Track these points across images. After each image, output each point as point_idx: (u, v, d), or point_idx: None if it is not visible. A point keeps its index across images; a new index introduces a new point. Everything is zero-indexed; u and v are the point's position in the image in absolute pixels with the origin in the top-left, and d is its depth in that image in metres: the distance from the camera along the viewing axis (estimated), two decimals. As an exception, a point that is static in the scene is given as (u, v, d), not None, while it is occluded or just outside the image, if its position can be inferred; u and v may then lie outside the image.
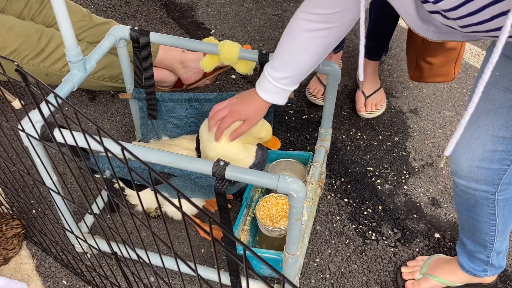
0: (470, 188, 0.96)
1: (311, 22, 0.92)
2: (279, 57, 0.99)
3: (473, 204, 1.00)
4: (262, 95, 1.03)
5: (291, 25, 0.96)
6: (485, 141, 0.89)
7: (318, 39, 0.94)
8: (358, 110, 1.66)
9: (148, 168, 0.49)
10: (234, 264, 1.09)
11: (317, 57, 0.99)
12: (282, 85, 1.01)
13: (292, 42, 0.96)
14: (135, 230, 1.35)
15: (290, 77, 1.00)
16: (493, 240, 1.05)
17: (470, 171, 0.93)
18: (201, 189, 1.13)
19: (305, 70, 1.01)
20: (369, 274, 1.26)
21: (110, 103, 1.73)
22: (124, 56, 1.27)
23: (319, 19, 0.91)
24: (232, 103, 1.06)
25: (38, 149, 0.95)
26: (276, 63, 1.00)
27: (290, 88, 1.03)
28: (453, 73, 1.44)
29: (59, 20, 0.99)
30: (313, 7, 0.91)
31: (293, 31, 0.96)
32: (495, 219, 1.00)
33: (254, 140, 1.15)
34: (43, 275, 1.25)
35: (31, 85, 0.62)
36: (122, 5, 2.19)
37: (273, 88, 1.02)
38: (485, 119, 0.88)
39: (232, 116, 1.05)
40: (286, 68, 0.99)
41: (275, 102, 1.04)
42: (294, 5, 2.17)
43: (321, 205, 1.41)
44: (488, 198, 0.97)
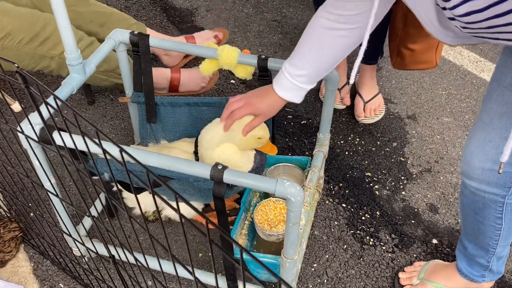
0: (480, 190, 0.96)
1: (332, 21, 0.92)
2: (298, 53, 0.99)
3: (481, 207, 0.99)
4: (278, 91, 1.03)
5: (312, 23, 0.96)
6: (499, 143, 0.89)
7: (338, 38, 0.94)
8: (357, 116, 1.67)
9: (147, 170, 0.49)
10: (231, 268, 1.09)
11: (337, 56, 0.98)
12: (299, 83, 1.00)
13: (312, 39, 0.96)
14: (133, 233, 1.35)
15: (308, 75, 0.99)
16: (496, 244, 1.04)
17: (482, 173, 0.93)
18: (199, 193, 1.13)
19: (324, 69, 1.00)
20: (367, 280, 1.26)
21: (109, 106, 1.73)
22: (123, 60, 1.27)
23: (341, 19, 0.91)
24: (248, 96, 1.07)
25: (37, 152, 0.95)
26: (294, 59, 0.99)
27: (306, 87, 1.02)
28: (434, 59, 1.45)
29: (59, 23, 1.00)
30: (334, 8, 0.91)
31: (314, 29, 0.95)
32: (501, 223, 1.00)
33: (253, 141, 1.14)
34: (40, 278, 1.25)
35: (31, 88, 0.63)
36: (122, 9, 2.20)
37: (289, 85, 1.01)
38: (499, 122, 0.88)
39: (247, 108, 1.05)
40: (304, 66, 0.98)
41: (291, 100, 1.04)
42: (294, 11, 2.18)
43: (319, 210, 1.41)
44: (498, 201, 0.96)
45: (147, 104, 1.31)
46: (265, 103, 1.05)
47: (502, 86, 0.86)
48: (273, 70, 1.17)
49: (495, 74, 0.89)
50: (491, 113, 0.89)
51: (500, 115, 0.88)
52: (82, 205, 1.40)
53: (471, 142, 0.94)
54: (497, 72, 0.88)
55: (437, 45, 1.41)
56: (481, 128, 0.91)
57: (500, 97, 0.87)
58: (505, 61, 0.85)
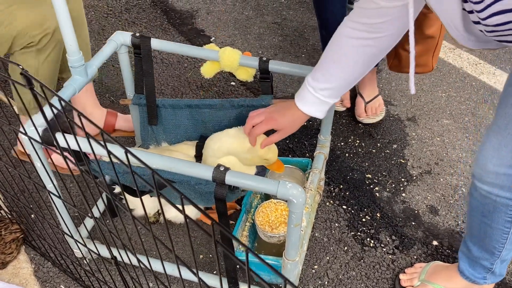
0: (492, 194, 0.96)
1: (357, 31, 0.91)
2: (321, 67, 0.97)
3: (491, 210, 0.99)
4: (301, 106, 1.01)
5: (337, 34, 0.95)
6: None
7: (363, 49, 0.93)
8: (358, 116, 1.67)
9: (152, 171, 0.49)
10: (233, 271, 1.09)
11: (362, 68, 0.97)
12: (322, 97, 0.98)
13: (337, 51, 0.94)
14: (134, 235, 1.35)
15: (332, 89, 0.98)
16: (503, 248, 1.04)
17: (496, 177, 0.93)
18: (201, 196, 1.14)
19: (348, 82, 0.98)
20: (367, 281, 1.26)
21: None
22: (125, 62, 1.28)
23: (366, 28, 0.90)
24: (270, 110, 1.04)
25: (40, 153, 0.96)
26: (318, 73, 0.98)
27: (330, 101, 1.00)
28: (431, 64, 1.45)
29: (61, 26, 1.00)
30: (359, 17, 0.90)
31: (338, 40, 0.94)
32: (510, 226, 1.00)
33: (259, 161, 1.12)
34: (41, 280, 1.25)
35: (35, 89, 0.63)
36: (122, 11, 2.21)
37: (312, 99, 0.99)
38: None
39: (268, 123, 1.03)
40: (328, 79, 0.97)
41: (313, 115, 1.02)
42: (294, 13, 2.19)
43: (319, 212, 1.41)
44: (509, 205, 0.96)
45: (149, 106, 1.31)
46: (287, 119, 1.02)
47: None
48: (274, 72, 1.18)
49: (511, 79, 0.88)
50: (507, 117, 0.88)
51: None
52: (83, 206, 1.40)
53: (486, 146, 0.93)
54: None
55: (434, 49, 1.41)
56: (497, 133, 0.91)
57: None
58: None
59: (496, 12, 0.67)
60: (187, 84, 1.84)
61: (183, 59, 1.94)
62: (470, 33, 0.81)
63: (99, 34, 2.08)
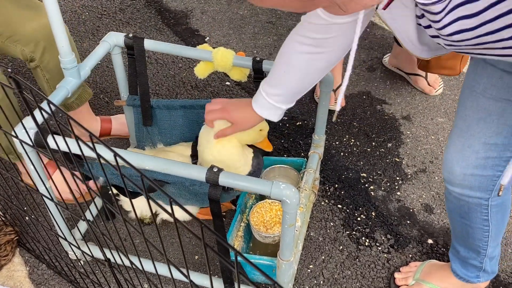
0: (464, 195, 0.97)
1: (305, 45, 0.92)
2: (273, 74, 0.99)
3: (467, 211, 1.00)
4: (255, 108, 1.03)
5: (286, 46, 0.96)
6: (478, 149, 0.90)
7: (310, 62, 0.95)
8: (429, 92, 1.76)
9: (141, 174, 0.49)
10: (228, 271, 1.09)
11: (310, 79, 0.99)
12: (275, 102, 1.01)
13: (286, 62, 0.96)
14: (129, 237, 1.35)
15: (283, 95, 1.00)
16: (486, 246, 1.06)
17: (464, 179, 0.94)
18: (195, 197, 1.14)
19: (298, 91, 1.01)
20: (363, 280, 1.26)
21: (104, 109, 1.73)
22: (118, 63, 1.27)
23: (312, 42, 0.91)
24: (228, 101, 1.08)
25: (32, 156, 0.95)
26: (270, 79, 1.00)
27: (282, 106, 1.02)
28: (458, 67, 1.47)
29: (53, 27, 1.00)
30: (306, 31, 0.91)
31: (287, 52, 0.96)
32: (488, 224, 1.01)
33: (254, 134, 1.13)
34: (36, 282, 1.24)
35: (25, 92, 0.62)
36: (116, 12, 2.20)
37: (265, 104, 1.02)
38: (476, 127, 0.89)
39: (222, 112, 1.06)
40: (279, 86, 0.99)
41: (267, 117, 1.04)
42: (288, 13, 2.19)
43: (314, 211, 1.41)
44: (482, 205, 0.98)
45: (143, 107, 1.31)
46: (241, 114, 1.05)
47: (476, 92, 0.88)
48: (267, 72, 1.18)
49: (467, 81, 0.90)
50: (467, 119, 0.90)
51: (477, 121, 0.89)
52: (77, 209, 1.40)
53: (450, 149, 0.95)
54: (469, 79, 0.90)
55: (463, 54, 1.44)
56: (459, 135, 0.93)
57: (475, 104, 0.88)
58: (475, 68, 0.88)
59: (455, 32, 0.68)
60: (182, 85, 1.83)
61: (178, 59, 1.94)
62: (423, 44, 0.83)
63: (93, 34, 2.07)
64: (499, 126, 0.87)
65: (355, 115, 1.71)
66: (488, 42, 0.68)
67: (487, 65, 0.84)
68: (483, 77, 0.85)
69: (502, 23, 0.62)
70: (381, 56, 1.93)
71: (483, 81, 0.86)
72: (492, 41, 0.67)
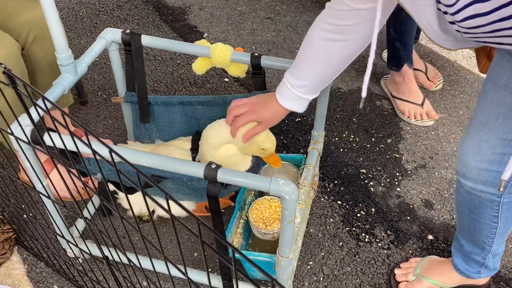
0: (477, 190, 0.96)
1: (328, 32, 0.91)
2: (297, 64, 0.98)
3: (477, 206, 0.99)
4: (280, 101, 1.02)
5: (310, 34, 0.95)
6: (495, 144, 0.89)
7: (334, 50, 0.93)
8: (428, 87, 1.76)
9: (137, 171, 0.48)
10: (227, 268, 1.08)
11: (335, 68, 0.97)
12: (300, 93, 0.99)
13: (310, 50, 0.95)
14: (127, 235, 1.34)
15: (308, 86, 0.98)
16: (492, 242, 1.04)
17: (478, 173, 0.93)
18: (194, 192, 1.13)
19: (323, 80, 0.99)
20: (363, 276, 1.25)
21: (102, 106, 1.72)
22: (115, 60, 1.26)
23: (336, 29, 0.90)
24: (252, 102, 1.05)
25: (28, 153, 0.94)
26: (294, 70, 0.98)
27: (308, 97, 1.01)
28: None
29: (49, 23, 0.99)
30: (330, 17, 0.90)
31: (311, 40, 0.95)
32: (497, 221, 1.00)
33: (257, 151, 1.11)
34: (34, 280, 1.24)
35: (19, 89, 0.62)
36: (114, 8, 2.19)
37: (290, 95, 1.00)
38: (495, 122, 0.88)
39: (250, 115, 1.03)
40: (303, 76, 0.97)
41: (293, 109, 1.02)
42: (287, 8, 2.18)
43: (314, 208, 1.40)
44: (494, 201, 0.96)
45: (140, 104, 1.30)
46: (268, 111, 1.03)
47: (498, 86, 0.86)
48: (266, 68, 1.17)
49: (490, 73, 0.88)
50: (486, 113, 0.88)
51: (496, 115, 0.87)
52: (75, 207, 1.39)
53: (467, 142, 0.93)
54: (492, 72, 0.87)
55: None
56: (477, 129, 0.91)
57: (496, 97, 0.86)
58: (500, 61, 0.85)
59: (469, 16, 0.67)
60: (180, 81, 1.82)
61: (176, 56, 1.93)
62: (447, 33, 0.81)
63: (90, 31, 2.06)
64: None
65: (355, 111, 1.70)
66: (503, 28, 0.66)
67: (510, 59, 0.83)
68: (507, 71, 0.83)
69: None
70: (380, 52, 1.92)
71: (506, 75, 0.84)
72: (507, 28, 0.65)
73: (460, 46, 0.85)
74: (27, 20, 1.27)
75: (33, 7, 1.29)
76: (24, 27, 1.27)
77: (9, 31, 1.27)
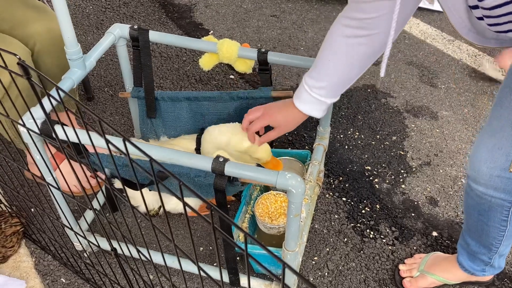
0: (487, 195, 0.95)
1: (350, 28, 0.88)
2: (317, 65, 0.95)
3: (487, 210, 0.98)
4: (297, 105, 0.99)
5: (331, 31, 0.92)
6: (509, 151, 0.88)
7: (357, 47, 0.90)
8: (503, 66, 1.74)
9: (150, 159, 0.49)
10: (233, 261, 1.09)
11: (358, 67, 0.94)
12: (319, 96, 0.96)
13: (330, 49, 0.92)
14: (134, 227, 1.35)
15: (327, 88, 0.95)
16: (500, 244, 1.04)
17: (490, 179, 0.92)
18: (200, 189, 1.14)
19: (344, 81, 0.96)
20: (367, 272, 1.26)
21: (108, 102, 1.74)
22: (123, 55, 1.27)
23: (359, 24, 0.87)
24: (267, 106, 1.03)
25: (39, 145, 0.95)
26: (313, 72, 0.95)
27: (327, 100, 0.97)
28: None
29: (59, 17, 1.00)
30: (353, 11, 0.87)
31: (332, 38, 0.92)
32: (506, 225, 1.00)
33: (251, 161, 1.11)
34: (42, 273, 1.25)
35: (33, 80, 0.63)
36: (120, 5, 2.20)
37: (308, 98, 0.97)
38: (510, 130, 0.86)
39: (265, 118, 1.01)
40: (323, 77, 0.94)
41: (311, 114, 0.99)
42: (292, 6, 2.18)
43: (319, 204, 1.41)
44: (504, 206, 0.96)
45: (147, 99, 1.31)
46: (284, 116, 1.00)
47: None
48: (273, 64, 1.18)
49: (508, 80, 0.87)
50: (502, 119, 0.87)
51: (511, 122, 0.86)
52: (83, 199, 1.41)
53: (480, 148, 0.92)
54: (509, 78, 0.86)
55: None
56: (491, 135, 0.90)
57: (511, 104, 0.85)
58: None
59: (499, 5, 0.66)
60: (186, 78, 1.83)
61: (182, 53, 1.94)
62: (473, 25, 0.80)
63: (97, 28, 2.07)
64: None
65: (360, 108, 1.71)
66: None
67: None
68: None
69: None
70: (385, 50, 1.92)
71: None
72: None
73: (482, 43, 0.83)
74: (33, 32, 1.26)
75: (41, 19, 1.28)
76: (30, 39, 1.26)
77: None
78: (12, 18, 1.29)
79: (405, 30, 2.06)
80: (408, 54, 1.94)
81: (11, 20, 1.28)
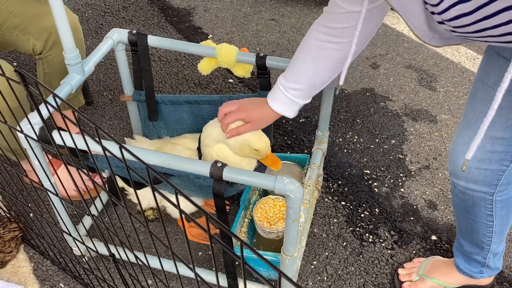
0: (469, 189, 0.97)
1: (324, 34, 0.93)
2: (292, 66, 0.99)
3: (471, 205, 1.00)
4: (271, 104, 1.02)
5: (306, 37, 0.97)
6: (484, 142, 0.90)
7: (330, 52, 0.95)
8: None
9: (146, 166, 0.49)
10: (232, 266, 1.09)
11: (330, 71, 0.98)
12: (293, 96, 1.00)
13: (306, 53, 0.96)
14: (133, 233, 1.35)
15: (301, 89, 0.99)
16: (490, 241, 1.05)
17: (469, 172, 0.94)
18: (200, 189, 1.14)
19: (317, 84, 1.00)
20: (366, 276, 1.26)
21: (107, 106, 1.74)
22: (122, 60, 1.27)
23: (332, 32, 0.92)
24: (243, 101, 1.06)
25: (37, 151, 0.95)
26: (288, 73, 0.99)
27: (300, 101, 1.01)
28: None
29: (57, 23, 1.00)
30: (327, 21, 0.92)
31: (307, 43, 0.96)
32: (492, 220, 1.01)
33: (250, 152, 1.11)
34: (40, 278, 1.25)
35: (30, 86, 0.63)
36: (120, 10, 2.20)
37: (282, 98, 1.01)
38: None
39: (238, 113, 1.04)
40: (297, 79, 0.98)
41: (283, 114, 1.03)
42: (291, 10, 2.19)
43: (318, 208, 1.41)
44: (487, 199, 0.97)
45: (148, 102, 1.32)
46: (257, 113, 1.04)
47: (487, 85, 0.87)
48: (271, 68, 1.18)
49: (479, 73, 0.90)
50: (476, 112, 0.90)
51: (485, 114, 0.88)
52: (81, 205, 1.40)
53: (457, 141, 0.95)
54: (481, 72, 0.89)
55: None
56: (467, 128, 0.93)
57: (485, 96, 0.88)
58: (488, 60, 0.87)
59: (454, 17, 0.68)
60: (185, 82, 1.84)
61: (181, 57, 1.94)
62: (434, 31, 0.82)
63: (96, 32, 2.07)
64: (508, 120, 0.87)
65: (359, 112, 1.71)
66: (487, 28, 0.67)
67: (500, 58, 0.84)
68: (495, 70, 0.85)
69: (497, 6, 0.62)
70: (384, 53, 1.93)
71: (494, 74, 0.85)
72: (491, 27, 0.67)
73: (447, 43, 0.87)
74: (48, 25, 1.32)
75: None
76: (45, 32, 1.32)
77: (29, 35, 1.32)
78: (24, 13, 1.33)
79: (403, 34, 2.07)
80: (407, 57, 1.94)
81: (23, 15, 1.33)
